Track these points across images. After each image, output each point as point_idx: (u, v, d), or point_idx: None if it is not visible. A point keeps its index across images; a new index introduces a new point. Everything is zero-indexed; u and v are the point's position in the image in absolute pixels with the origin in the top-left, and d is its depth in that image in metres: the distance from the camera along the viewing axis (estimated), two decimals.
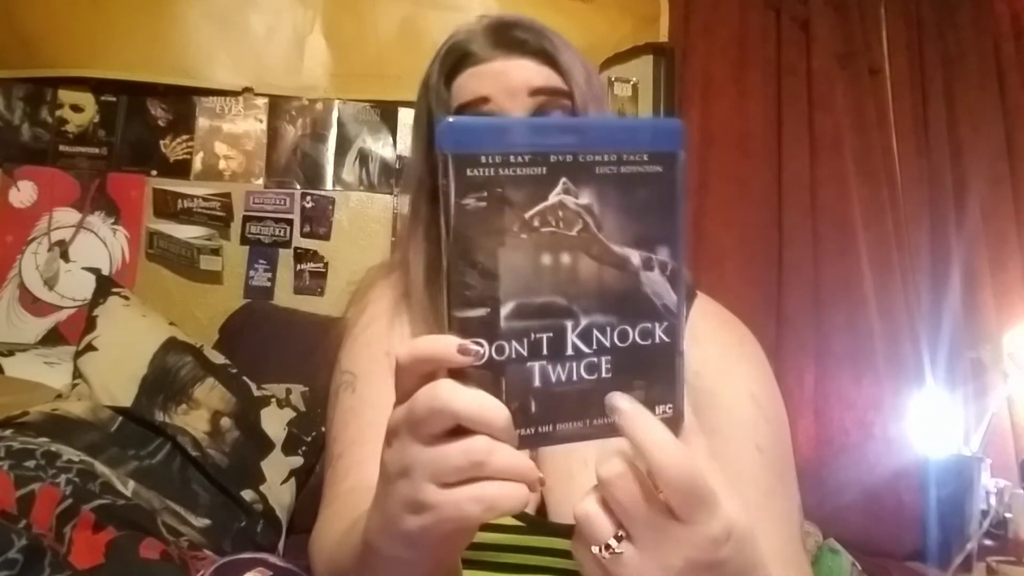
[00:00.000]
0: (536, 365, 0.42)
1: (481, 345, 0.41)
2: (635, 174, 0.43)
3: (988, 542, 1.87)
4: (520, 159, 0.41)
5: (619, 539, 0.42)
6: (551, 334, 0.42)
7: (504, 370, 0.42)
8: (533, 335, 0.42)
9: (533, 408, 0.42)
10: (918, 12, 2.37)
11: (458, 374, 0.41)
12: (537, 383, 0.42)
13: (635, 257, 0.43)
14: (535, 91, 0.79)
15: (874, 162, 2.26)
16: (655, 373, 0.44)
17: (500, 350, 0.41)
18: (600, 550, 0.42)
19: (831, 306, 2.17)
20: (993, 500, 1.91)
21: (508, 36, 0.82)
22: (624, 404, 0.43)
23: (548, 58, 0.81)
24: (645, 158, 0.43)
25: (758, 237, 2.22)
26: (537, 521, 0.76)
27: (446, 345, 0.41)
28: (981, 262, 2.22)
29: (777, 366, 0.85)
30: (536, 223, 0.41)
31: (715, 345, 0.82)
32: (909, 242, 2.26)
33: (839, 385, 2.14)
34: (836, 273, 2.18)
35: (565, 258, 0.42)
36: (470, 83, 0.81)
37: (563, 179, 0.41)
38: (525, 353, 0.42)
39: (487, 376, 0.41)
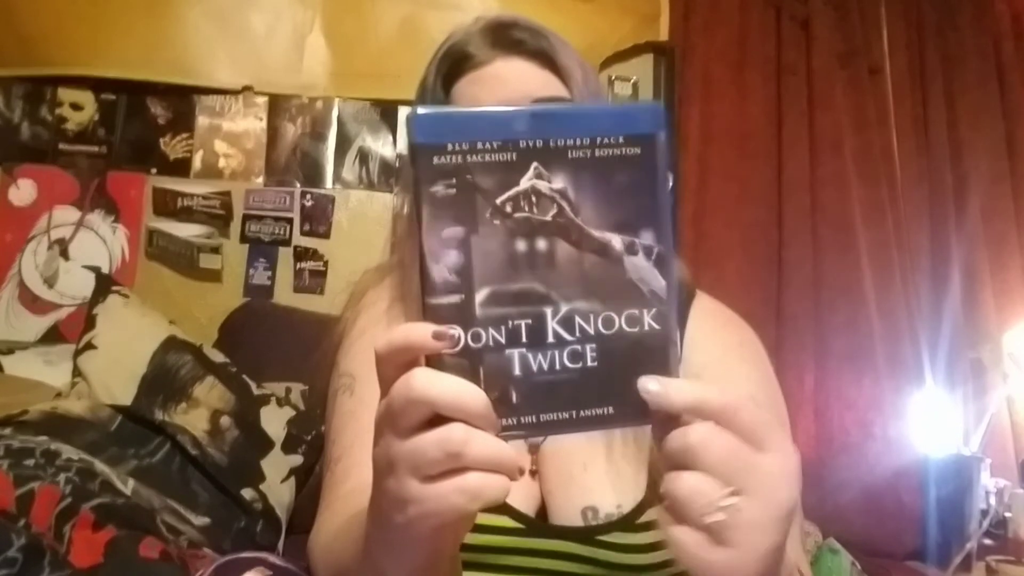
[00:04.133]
0: (515, 353, 0.41)
1: (456, 331, 0.40)
2: (611, 157, 0.42)
3: (988, 542, 1.87)
4: (488, 145, 0.40)
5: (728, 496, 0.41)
6: (530, 321, 0.41)
7: (482, 358, 0.41)
8: (511, 322, 0.41)
9: (514, 398, 0.41)
10: (918, 12, 2.37)
11: (436, 364, 0.41)
12: (517, 372, 0.41)
13: (617, 241, 0.42)
14: (536, 101, 0.79)
15: (874, 162, 2.25)
16: (646, 362, 0.43)
17: (476, 337, 0.41)
18: (713, 514, 0.41)
19: (831, 306, 2.17)
20: (993, 500, 1.91)
21: (506, 36, 0.81)
22: (654, 385, 0.42)
23: (546, 59, 0.81)
24: (621, 140, 0.42)
25: (758, 237, 2.22)
26: (537, 523, 0.76)
27: (421, 332, 0.40)
28: (981, 262, 2.22)
29: (777, 366, 0.85)
30: (508, 208, 0.41)
31: (716, 345, 0.82)
32: (909, 242, 2.25)
33: (839, 385, 2.13)
34: (836, 273, 2.18)
35: (541, 244, 0.41)
36: (470, 90, 0.80)
37: (534, 164, 0.41)
38: (503, 340, 0.41)
39: (464, 365, 0.41)
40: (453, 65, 0.82)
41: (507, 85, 0.79)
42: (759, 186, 2.24)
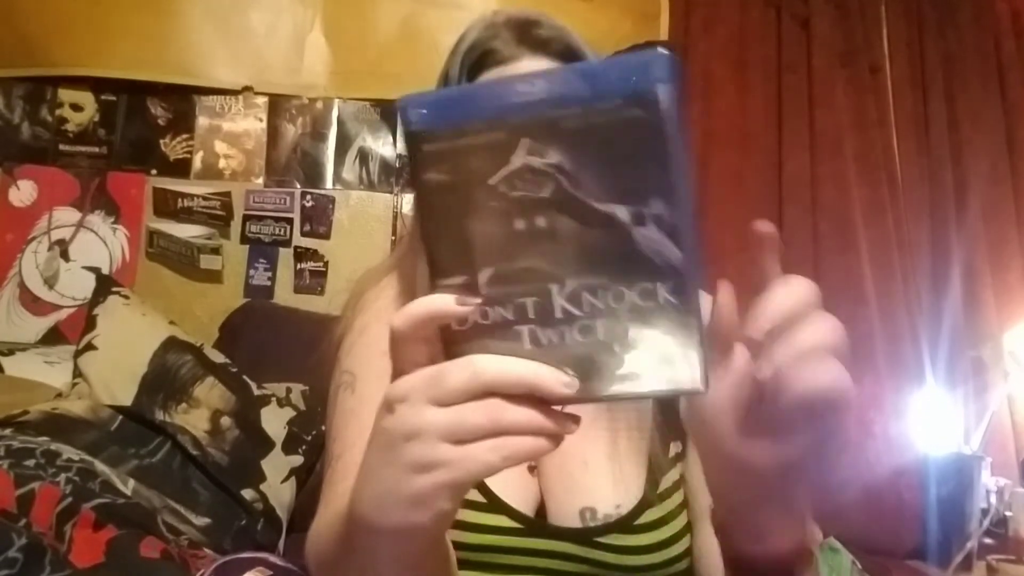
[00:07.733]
0: (524, 328, 0.41)
1: (476, 300, 0.41)
2: (610, 122, 0.38)
3: (988, 540, 1.87)
4: (476, 126, 0.39)
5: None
6: (536, 298, 0.41)
7: (493, 334, 0.41)
8: (517, 299, 0.41)
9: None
10: (919, 10, 2.37)
11: (449, 343, 0.41)
12: (528, 346, 0.41)
13: (622, 212, 0.39)
14: None
15: (874, 161, 2.25)
16: (664, 336, 0.41)
17: (484, 315, 0.41)
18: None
19: (831, 305, 2.11)
20: (993, 498, 1.91)
21: (532, 34, 0.81)
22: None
23: (573, 59, 0.81)
24: (618, 102, 0.37)
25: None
26: (535, 523, 0.76)
27: (443, 300, 0.41)
28: (981, 261, 2.22)
29: None
30: (503, 189, 0.40)
31: None
32: (909, 241, 2.25)
33: None
34: (836, 272, 2.18)
35: (540, 221, 0.40)
36: None
37: (524, 140, 0.39)
38: (511, 317, 0.41)
39: (478, 343, 0.41)
40: (480, 58, 0.81)
41: None
42: (759, 185, 2.24)
